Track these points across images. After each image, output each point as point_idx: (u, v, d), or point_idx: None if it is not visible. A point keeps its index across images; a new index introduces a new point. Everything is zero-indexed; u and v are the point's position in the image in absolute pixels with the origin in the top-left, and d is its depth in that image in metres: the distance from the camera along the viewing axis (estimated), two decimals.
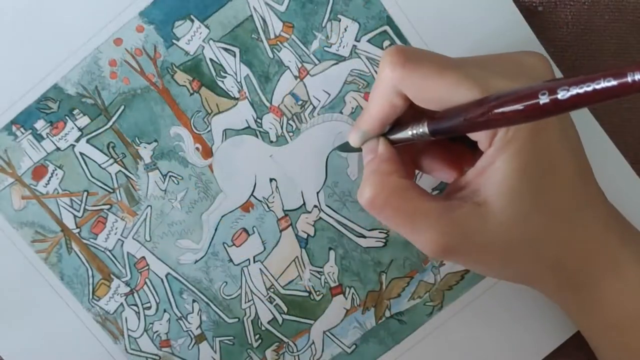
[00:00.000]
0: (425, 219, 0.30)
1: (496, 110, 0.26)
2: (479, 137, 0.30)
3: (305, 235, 0.39)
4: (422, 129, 0.30)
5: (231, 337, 0.39)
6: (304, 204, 0.39)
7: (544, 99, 0.23)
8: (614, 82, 0.21)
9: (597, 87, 0.22)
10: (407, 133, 0.31)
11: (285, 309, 0.39)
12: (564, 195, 0.31)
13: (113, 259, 0.39)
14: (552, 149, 0.31)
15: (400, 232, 0.31)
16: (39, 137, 0.38)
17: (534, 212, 0.30)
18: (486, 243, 0.30)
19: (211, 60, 0.38)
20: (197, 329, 0.39)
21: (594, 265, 0.32)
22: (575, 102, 0.22)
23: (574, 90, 0.22)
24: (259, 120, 0.39)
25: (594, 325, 0.34)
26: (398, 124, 0.32)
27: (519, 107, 0.25)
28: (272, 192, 0.39)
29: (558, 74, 0.38)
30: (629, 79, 0.21)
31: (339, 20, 0.38)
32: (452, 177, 0.34)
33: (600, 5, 0.39)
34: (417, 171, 0.37)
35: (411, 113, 0.31)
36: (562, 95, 0.23)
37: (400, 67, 0.30)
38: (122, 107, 0.38)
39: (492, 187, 0.30)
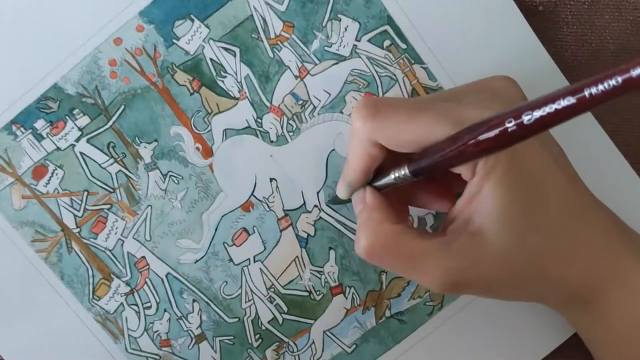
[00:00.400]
0: (424, 259, 0.30)
1: (470, 143, 0.26)
2: (461, 169, 0.30)
3: (305, 235, 0.39)
4: (404, 171, 0.31)
5: (231, 337, 0.39)
6: (304, 203, 0.39)
7: (510, 126, 0.24)
8: (573, 100, 0.21)
9: (559, 107, 0.22)
10: (391, 178, 0.32)
11: (286, 309, 0.39)
12: (556, 208, 0.31)
13: (113, 258, 0.39)
14: (536, 165, 0.30)
15: (405, 276, 0.31)
16: (39, 137, 0.38)
17: (530, 230, 0.30)
18: (489, 270, 0.30)
19: (211, 59, 0.38)
20: (197, 328, 0.39)
21: (598, 276, 0.32)
22: (542, 125, 0.23)
23: (537, 114, 0.23)
24: (259, 120, 0.39)
25: (601, 339, 0.34)
26: (381, 170, 0.33)
27: (490, 136, 0.25)
28: (273, 192, 0.39)
29: (558, 75, 0.38)
30: (586, 93, 0.21)
31: (340, 20, 0.38)
32: (447, 206, 0.34)
33: (600, 5, 0.39)
34: None
35: (391, 158, 0.32)
36: (527, 119, 0.23)
37: (370, 119, 0.30)
38: (122, 107, 0.38)
39: (483, 215, 0.30)
